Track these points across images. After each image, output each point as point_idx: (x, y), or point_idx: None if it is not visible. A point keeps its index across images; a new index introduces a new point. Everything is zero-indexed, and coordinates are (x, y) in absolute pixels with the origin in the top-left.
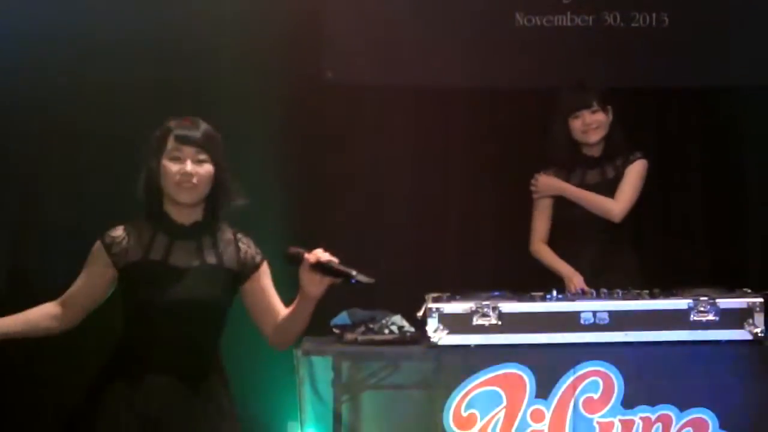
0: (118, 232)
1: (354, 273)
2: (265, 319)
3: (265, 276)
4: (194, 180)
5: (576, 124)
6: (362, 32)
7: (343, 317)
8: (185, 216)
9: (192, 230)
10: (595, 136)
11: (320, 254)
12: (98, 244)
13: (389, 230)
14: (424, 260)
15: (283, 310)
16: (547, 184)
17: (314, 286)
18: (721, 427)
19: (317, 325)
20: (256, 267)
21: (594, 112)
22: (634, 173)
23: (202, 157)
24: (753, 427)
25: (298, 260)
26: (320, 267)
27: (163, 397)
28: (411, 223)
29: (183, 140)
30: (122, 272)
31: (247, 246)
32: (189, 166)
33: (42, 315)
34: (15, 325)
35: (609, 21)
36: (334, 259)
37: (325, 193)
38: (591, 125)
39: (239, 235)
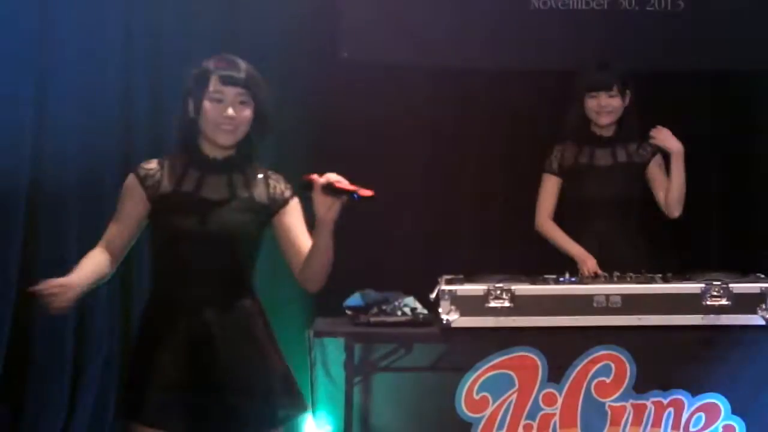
0: (152, 165)
1: (354, 189)
2: (293, 256)
3: (294, 212)
4: (234, 123)
5: (591, 104)
6: (378, 12)
7: (356, 298)
8: (218, 151)
9: (224, 164)
10: (606, 119)
11: (330, 176)
12: (132, 177)
13: (404, 211)
14: (437, 242)
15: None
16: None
17: (326, 209)
18: (734, 412)
19: (330, 306)
20: (286, 201)
21: (611, 96)
22: (663, 170)
23: (244, 98)
24: (765, 413)
25: (311, 186)
26: (330, 188)
27: (203, 323)
28: (425, 205)
29: (227, 81)
30: (155, 204)
31: (277, 181)
32: (230, 110)
33: (99, 263)
34: (88, 279)
35: (624, 4)
36: (343, 179)
37: (339, 171)
38: (605, 108)
39: (270, 172)
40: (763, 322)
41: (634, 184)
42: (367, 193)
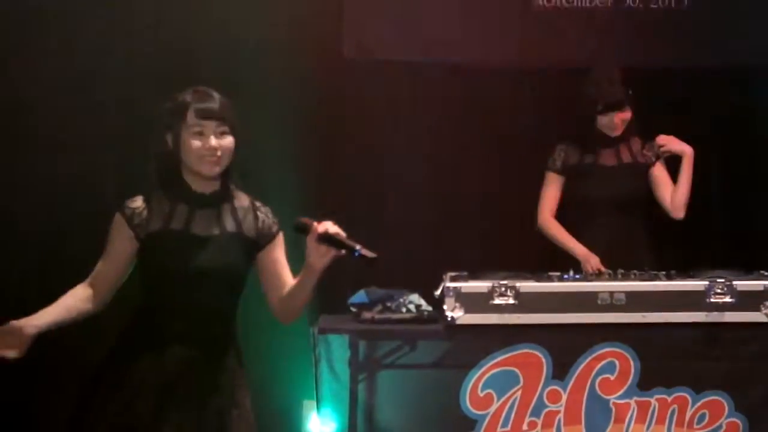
0: (138, 203)
1: (358, 247)
2: (274, 290)
3: (279, 247)
4: (218, 153)
5: (603, 120)
6: (382, 9)
7: (360, 295)
8: (205, 185)
9: (212, 198)
10: (618, 132)
11: (329, 226)
12: (118, 216)
13: (408, 208)
14: (442, 239)
15: (292, 283)
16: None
17: (319, 257)
18: (737, 409)
19: (334, 303)
20: (273, 237)
21: (623, 111)
22: (668, 175)
23: (223, 129)
24: None
25: (307, 230)
26: (327, 238)
27: (179, 366)
28: (430, 201)
29: (204, 114)
30: (143, 242)
31: (265, 215)
32: (213, 140)
33: (78, 299)
34: (58, 315)
35: (628, 2)
36: (341, 232)
37: (344, 170)
38: (618, 124)
39: (257, 204)
40: (766, 319)
41: (639, 184)
42: (369, 254)
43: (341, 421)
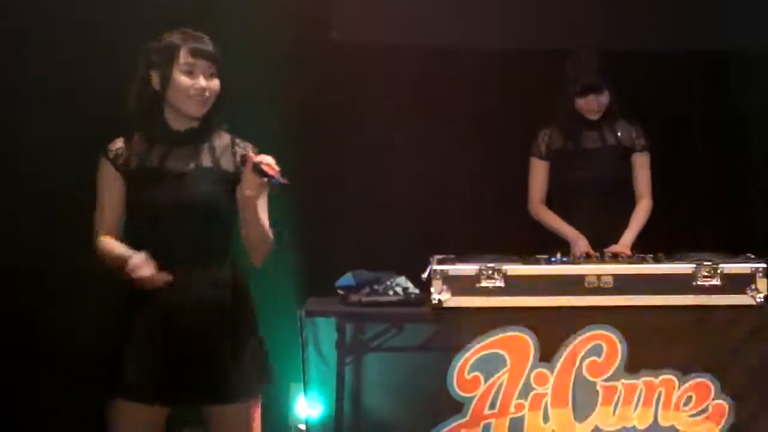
0: (119, 144)
1: (278, 176)
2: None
3: None
4: (206, 94)
5: (581, 103)
6: None
7: (347, 278)
8: (182, 123)
9: (188, 136)
10: (597, 115)
11: (264, 157)
12: (103, 160)
13: (395, 191)
14: (429, 222)
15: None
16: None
17: (251, 186)
18: (723, 392)
19: (322, 286)
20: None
21: (600, 94)
22: (647, 166)
23: (212, 70)
24: (755, 392)
25: (245, 161)
26: (258, 169)
27: (178, 295)
28: (417, 185)
29: (198, 53)
30: (127, 181)
31: (244, 149)
32: (203, 81)
33: (117, 243)
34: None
35: None
36: (274, 166)
37: (330, 153)
38: (595, 107)
39: (237, 140)
40: (752, 302)
41: (623, 166)
42: (284, 181)
43: (328, 404)
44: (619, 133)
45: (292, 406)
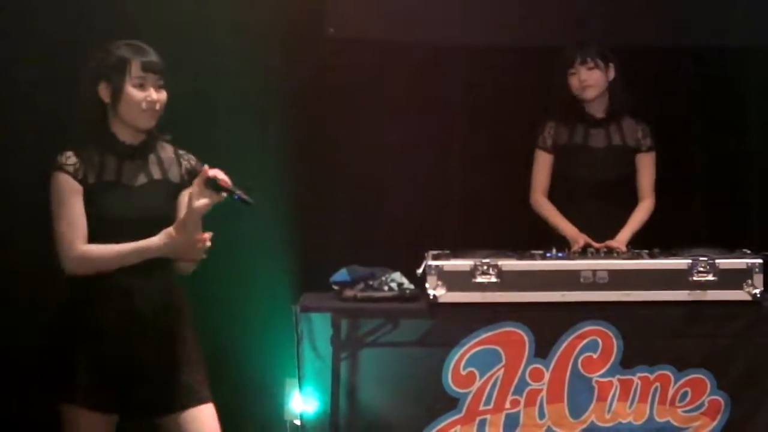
0: (71, 158)
1: (238, 192)
2: None
3: None
4: (157, 107)
5: (573, 81)
6: None
7: (342, 274)
8: (131, 136)
9: (138, 149)
10: (590, 93)
11: (217, 172)
12: (61, 174)
13: (390, 187)
14: (424, 217)
15: None
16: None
17: (200, 199)
18: (719, 387)
19: (317, 282)
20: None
21: (590, 68)
22: (652, 166)
23: (161, 82)
24: (751, 388)
25: (196, 173)
26: (212, 184)
27: (132, 307)
28: (411, 180)
29: (149, 67)
30: (85, 194)
31: (188, 161)
32: (154, 94)
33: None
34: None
35: None
36: (228, 180)
37: (325, 149)
38: (585, 81)
39: (180, 152)
40: (748, 298)
41: (627, 167)
42: (247, 199)
43: (323, 400)
44: (625, 133)
45: (287, 402)
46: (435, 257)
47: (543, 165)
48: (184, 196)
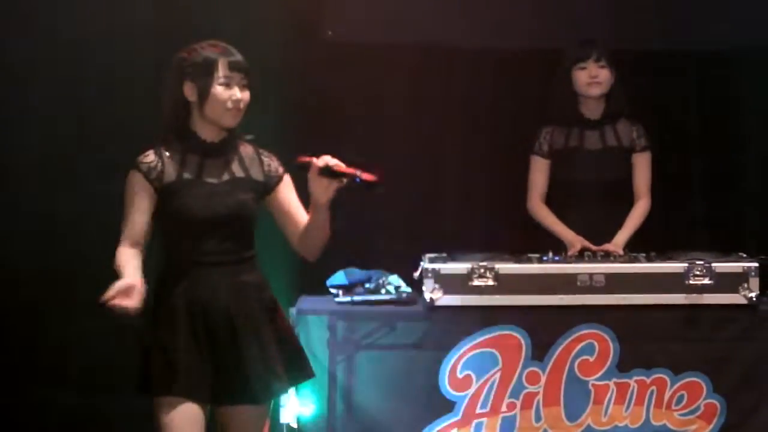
0: (151, 157)
1: (358, 173)
2: (291, 229)
3: (288, 187)
4: (242, 105)
5: (581, 75)
6: None
7: (339, 277)
8: (213, 134)
9: (220, 147)
10: (597, 90)
11: (327, 159)
12: (135, 173)
13: (387, 190)
14: (421, 221)
15: (305, 221)
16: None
17: (322, 191)
18: (715, 391)
19: (314, 284)
20: (280, 178)
21: (601, 66)
22: (647, 166)
23: (245, 82)
24: (747, 391)
25: (307, 167)
26: (327, 171)
27: (218, 302)
28: (409, 184)
29: (235, 66)
30: (161, 194)
31: (270, 159)
32: (238, 93)
33: (134, 257)
34: (138, 269)
35: None
36: (341, 164)
37: (322, 151)
38: (596, 78)
39: (261, 150)
40: (744, 301)
41: (623, 168)
42: (369, 177)
43: (320, 402)
44: (619, 134)
45: (283, 405)
46: (432, 260)
47: (540, 170)
48: (282, 194)
